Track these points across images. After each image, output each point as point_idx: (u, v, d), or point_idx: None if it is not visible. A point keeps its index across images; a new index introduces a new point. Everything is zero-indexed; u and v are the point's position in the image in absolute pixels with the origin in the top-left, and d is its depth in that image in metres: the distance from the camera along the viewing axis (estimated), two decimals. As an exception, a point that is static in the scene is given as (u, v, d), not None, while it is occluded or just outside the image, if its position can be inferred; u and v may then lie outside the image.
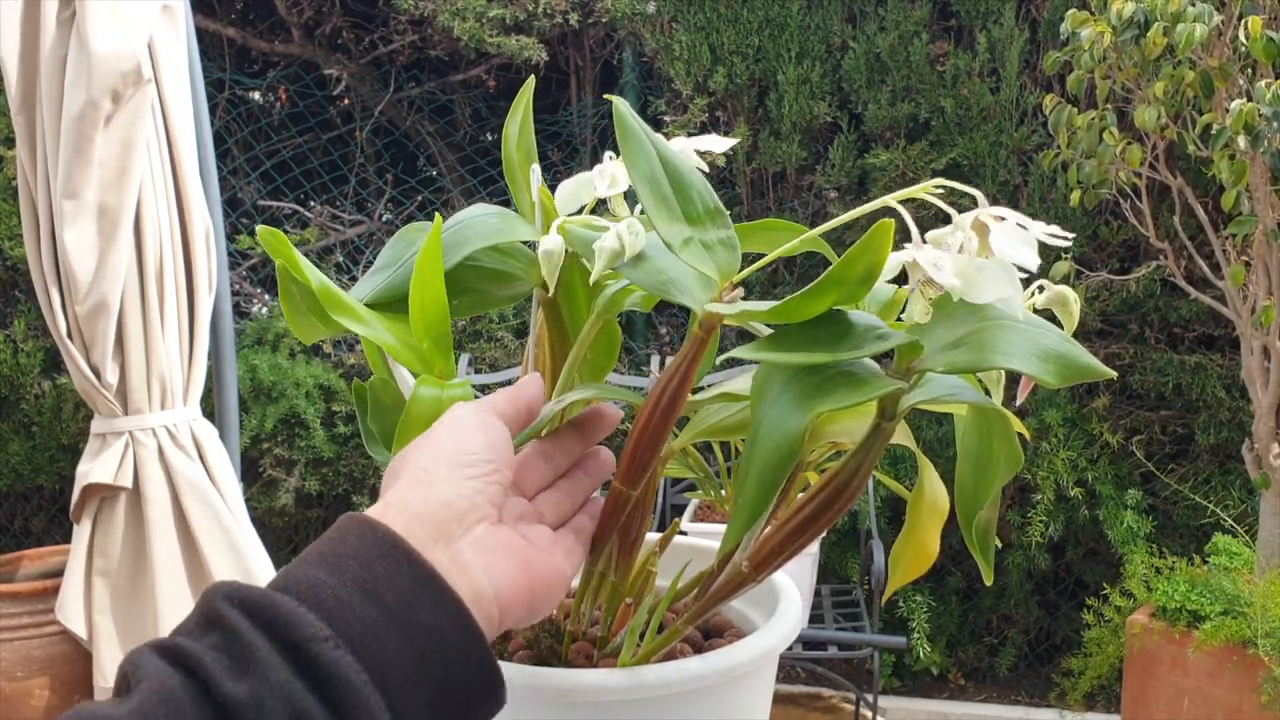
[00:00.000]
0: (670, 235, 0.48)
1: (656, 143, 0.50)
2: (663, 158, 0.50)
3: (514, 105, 0.59)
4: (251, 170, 3.23)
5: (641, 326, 3.00)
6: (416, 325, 0.50)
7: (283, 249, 0.49)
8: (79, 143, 1.51)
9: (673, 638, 0.54)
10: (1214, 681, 1.90)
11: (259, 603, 0.36)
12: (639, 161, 0.49)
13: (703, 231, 0.49)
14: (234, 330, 2.04)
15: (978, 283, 0.42)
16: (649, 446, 0.50)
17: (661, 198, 0.49)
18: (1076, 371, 0.43)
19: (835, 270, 0.43)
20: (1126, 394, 2.65)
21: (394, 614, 0.37)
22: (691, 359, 0.49)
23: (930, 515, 0.52)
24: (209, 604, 0.37)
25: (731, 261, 0.49)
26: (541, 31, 2.91)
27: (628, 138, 0.49)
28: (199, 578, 1.65)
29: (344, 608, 0.36)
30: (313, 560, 0.38)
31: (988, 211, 0.43)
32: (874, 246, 0.43)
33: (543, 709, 0.49)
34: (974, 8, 2.65)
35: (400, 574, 0.38)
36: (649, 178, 0.49)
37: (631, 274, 0.50)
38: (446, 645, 0.38)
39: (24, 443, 2.91)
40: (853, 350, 0.44)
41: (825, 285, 0.44)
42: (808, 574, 2.09)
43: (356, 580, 0.37)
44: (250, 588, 0.37)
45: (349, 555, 0.38)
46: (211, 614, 0.37)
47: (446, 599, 0.38)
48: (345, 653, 0.35)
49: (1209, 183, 2.23)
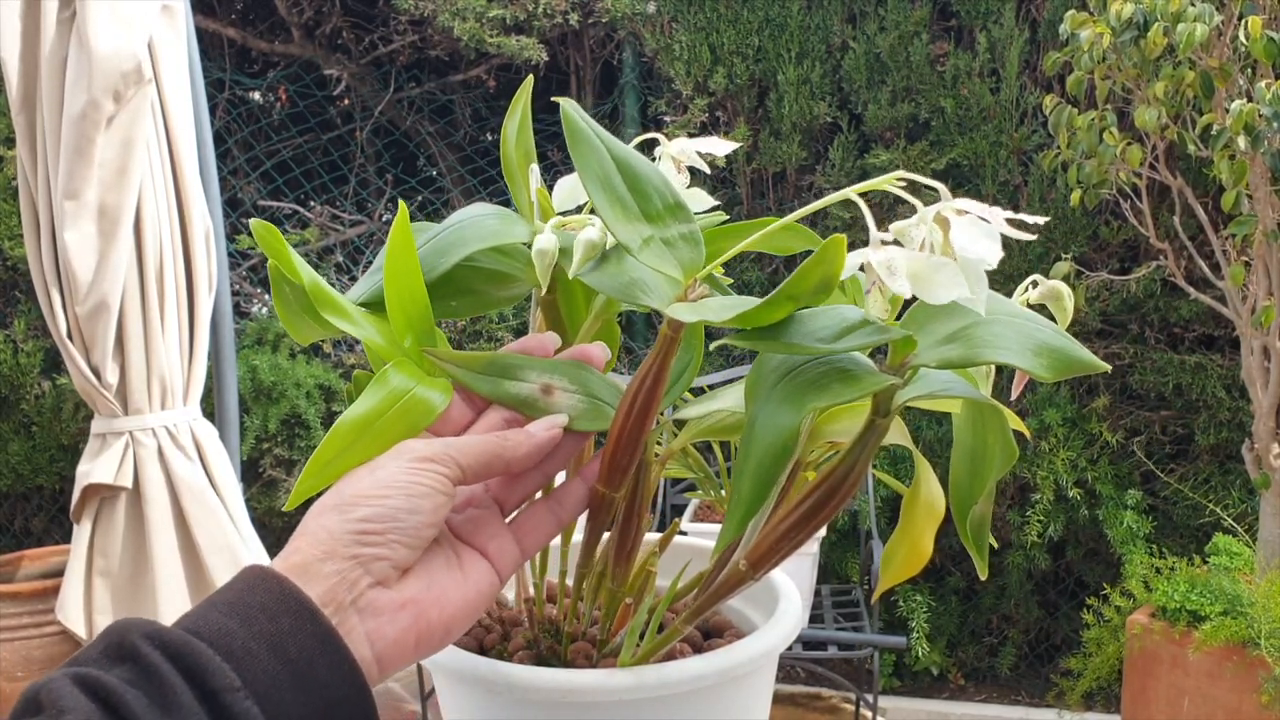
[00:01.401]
0: (628, 236, 0.47)
1: (608, 142, 0.49)
2: (615, 156, 0.49)
3: (512, 105, 0.59)
4: (252, 170, 3.23)
5: (641, 326, 3.00)
6: (396, 321, 0.49)
7: (276, 244, 0.49)
8: (80, 143, 1.51)
9: (672, 637, 0.54)
10: (1214, 682, 1.90)
11: (178, 646, 0.38)
12: (590, 162, 0.48)
13: (664, 229, 0.48)
14: (234, 330, 2.04)
15: (933, 283, 0.42)
16: (627, 448, 0.50)
17: (616, 198, 0.48)
18: (1070, 365, 0.42)
19: (790, 285, 0.43)
20: (1126, 394, 2.65)
21: (295, 668, 0.39)
22: (662, 359, 0.48)
23: (925, 516, 0.52)
24: (121, 637, 0.38)
25: (695, 257, 0.48)
26: (541, 32, 2.91)
27: (576, 139, 0.48)
28: (199, 578, 1.65)
29: (251, 659, 0.38)
30: (223, 609, 0.40)
31: (949, 205, 0.43)
32: (827, 259, 0.42)
33: (542, 709, 0.49)
34: (974, 8, 2.65)
35: (303, 631, 0.40)
36: (601, 179, 0.48)
37: (593, 278, 0.49)
38: (340, 701, 0.40)
39: (24, 443, 2.91)
40: (845, 343, 0.44)
41: (780, 299, 0.44)
42: (807, 574, 2.09)
43: (264, 633, 0.39)
44: (164, 628, 0.39)
45: (258, 608, 0.40)
46: (126, 648, 0.38)
47: (341, 658, 0.40)
48: (252, 704, 0.37)
49: (1209, 183, 2.23)
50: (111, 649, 0.38)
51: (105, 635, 0.39)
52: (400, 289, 0.49)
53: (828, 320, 0.45)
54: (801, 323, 0.45)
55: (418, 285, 0.49)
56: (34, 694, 0.37)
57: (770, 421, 0.45)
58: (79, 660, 0.38)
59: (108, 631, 0.39)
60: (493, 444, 0.47)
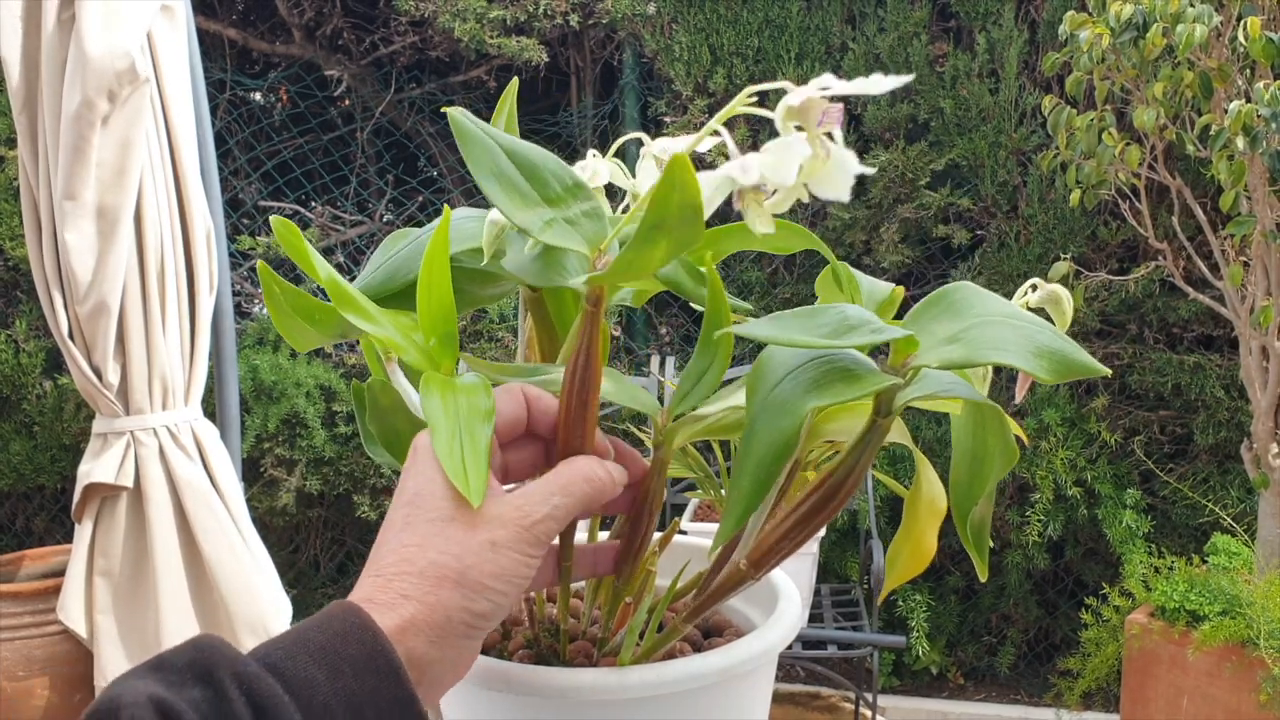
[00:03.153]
0: (529, 222, 0.47)
1: (497, 137, 0.50)
2: (507, 149, 0.49)
3: (499, 106, 0.59)
4: (252, 171, 3.24)
5: (641, 326, 3.00)
6: (424, 321, 0.50)
7: (294, 240, 0.50)
8: (77, 143, 1.51)
9: (672, 636, 0.54)
10: (1213, 681, 1.90)
11: (263, 698, 0.38)
12: (481, 159, 0.48)
13: (565, 209, 0.49)
14: (235, 330, 2.04)
15: (783, 162, 0.41)
16: (575, 434, 0.50)
17: (513, 188, 0.48)
18: (1071, 368, 0.43)
19: (650, 215, 0.42)
20: (1125, 394, 2.65)
21: None
22: (589, 336, 0.48)
23: (928, 515, 0.52)
24: (209, 663, 0.38)
25: (599, 230, 0.48)
26: (542, 33, 2.91)
27: (466, 140, 0.49)
28: (200, 578, 1.65)
29: (329, 718, 0.38)
30: (314, 653, 0.40)
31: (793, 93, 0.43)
32: (677, 183, 0.41)
33: (542, 709, 0.50)
34: (973, 9, 2.65)
35: (384, 695, 0.40)
36: (495, 173, 0.48)
37: (512, 264, 0.49)
38: None
39: (26, 442, 2.91)
40: (847, 340, 0.44)
41: (648, 233, 0.42)
42: (807, 573, 2.09)
43: (346, 691, 0.39)
44: (252, 668, 0.38)
45: (347, 661, 0.40)
46: (214, 681, 0.38)
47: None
48: None
49: (1208, 183, 2.23)
50: (199, 669, 0.38)
51: (195, 649, 0.39)
52: (432, 290, 0.49)
53: (829, 318, 0.46)
54: (803, 319, 0.46)
55: (447, 290, 0.50)
56: (114, 705, 0.36)
57: (771, 420, 0.45)
58: (164, 665, 0.38)
59: (197, 646, 0.39)
60: (588, 494, 0.47)
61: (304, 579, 3.10)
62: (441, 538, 0.43)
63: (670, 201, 0.41)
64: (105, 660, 1.62)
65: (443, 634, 0.42)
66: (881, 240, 2.72)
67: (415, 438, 0.47)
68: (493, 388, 0.48)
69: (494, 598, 0.43)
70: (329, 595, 3.06)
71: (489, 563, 0.43)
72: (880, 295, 0.54)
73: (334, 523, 3.09)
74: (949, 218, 2.73)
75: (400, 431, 0.58)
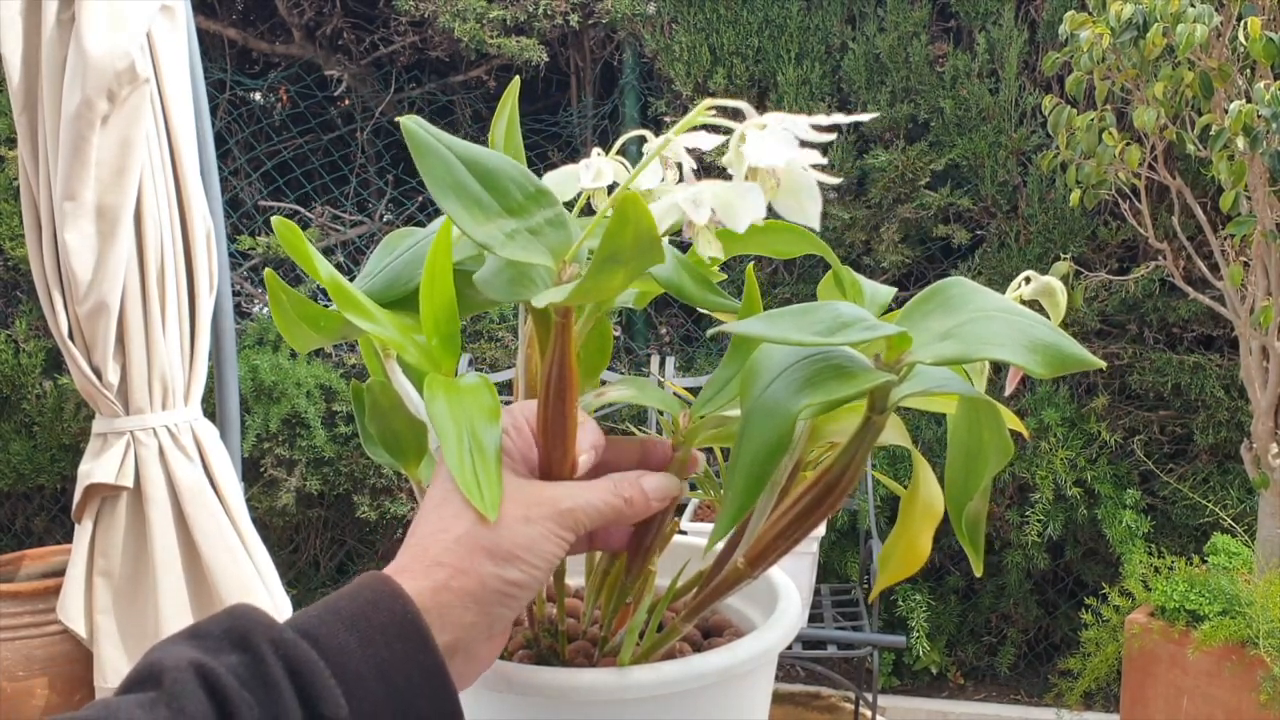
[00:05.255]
0: (489, 236, 0.46)
1: (454, 147, 0.48)
2: (464, 158, 0.48)
3: (500, 106, 0.59)
4: (252, 171, 3.24)
5: (641, 327, 3.00)
6: (427, 322, 0.50)
7: (296, 242, 0.50)
8: (77, 143, 1.51)
9: (672, 636, 0.54)
10: (1213, 681, 1.90)
11: (299, 663, 0.39)
12: (436, 170, 0.47)
13: (528, 219, 0.47)
14: (235, 330, 2.04)
15: (736, 208, 0.42)
16: (556, 442, 0.49)
17: (473, 200, 0.47)
18: (1065, 361, 0.42)
19: (604, 249, 0.41)
20: (1125, 394, 2.65)
21: (400, 697, 0.41)
22: (560, 346, 0.48)
23: (923, 516, 0.52)
24: (245, 630, 0.40)
25: (564, 239, 0.48)
26: (542, 33, 2.91)
27: (420, 150, 0.47)
28: (200, 578, 1.65)
29: (362, 685, 0.40)
30: (347, 620, 0.41)
31: (751, 122, 0.43)
32: (630, 218, 0.41)
33: (542, 708, 0.50)
34: (973, 8, 2.65)
35: (414, 661, 0.41)
36: (452, 185, 0.47)
37: (480, 279, 0.49)
38: None
39: (26, 442, 2.91)
40: (841, 338, 0.44)
41: (602, 264, 0.42)
42: (807, 573, 2.09)
43: (377, 659, 0.41)
44: (289, 636, 0.40)
45: (378, 629, 0.41)
46: (250, 646, 0.39)
47: (444, 695, 0.42)
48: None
49: (1208, 183, 2.23)
50: (236, 636, 0.40)
51: (231, 617, 0.40)
52: (435, 291, 0.50)
53: (823, 315, 0.45)
54: (797, 317, 0.45)
55: (449, 292, 0.50)
56: (156, 669, 0.38)
57: (764, 417, 0.45)
58: (201, 633, 0.40)
59: (233, 614, 0.40)
60: (618, 507, 0.48)
61: (304, 579, 3.10)
62: (475, 510, 0.45)
63: (624, 236, 0.41)
64: (105, 660, 1.62)
65: (477, 599, 0.44)
66: (881, 240, 2.72)
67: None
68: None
69: (525, 569, 0.45)
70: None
71: (520, 535, 0.45)
72: (883, 299, 0.54)
73: (334, 523, 3.09)
74: (949, 218, 2.73)
75: (399, 432, 0.58)
